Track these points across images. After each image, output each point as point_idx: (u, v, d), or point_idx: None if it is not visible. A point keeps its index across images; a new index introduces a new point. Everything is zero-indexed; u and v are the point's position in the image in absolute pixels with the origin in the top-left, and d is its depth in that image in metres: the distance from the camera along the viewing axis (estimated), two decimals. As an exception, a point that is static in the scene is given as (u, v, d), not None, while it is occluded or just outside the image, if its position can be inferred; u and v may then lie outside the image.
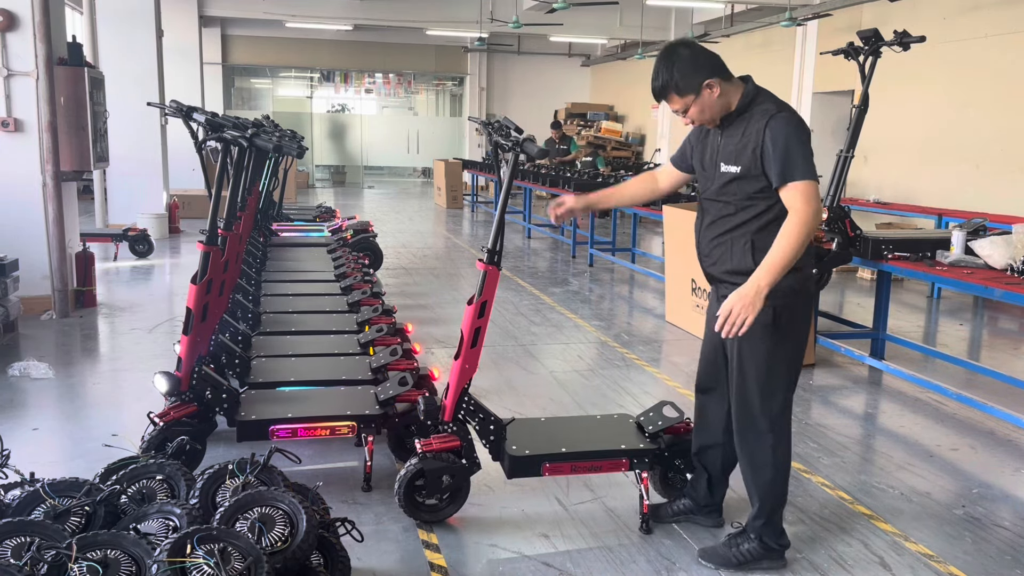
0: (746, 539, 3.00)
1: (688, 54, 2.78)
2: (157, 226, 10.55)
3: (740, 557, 2.99)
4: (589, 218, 10.42)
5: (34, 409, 4.49)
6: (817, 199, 2.63)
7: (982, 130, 9.33)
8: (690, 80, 2.75)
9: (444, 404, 3.26)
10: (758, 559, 2.98)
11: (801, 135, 2.69)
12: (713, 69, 2.78)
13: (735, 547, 3.01)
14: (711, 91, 2.76)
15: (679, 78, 2.76)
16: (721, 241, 2.86)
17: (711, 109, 2.80)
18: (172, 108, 3.81)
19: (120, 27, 10.76)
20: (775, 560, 3.00)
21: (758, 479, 2.94)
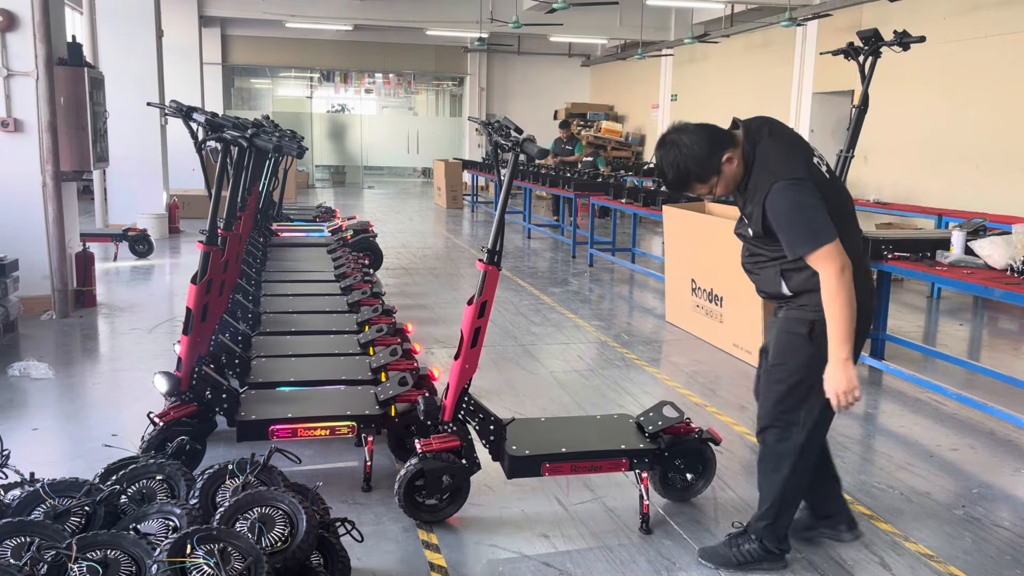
0: (747, 540, 3.00)
1: (694, 140, 2.72)
2: (157, 226, 10.55)
3: (740, 557, 2.99)
4: (589, 218, 10.43)
5: (34, 409, 4.49)
6: (835, 256, 2.57)
7: (982, 130, 9.33)
8: (708, 164, 2.72)
9: (444, 404, 3.27)
10: (758, 560, 2.99)
11: (799, 204, 2.60)
12: (722, 142, 2.73)
13: (735, 547, 3.01)
14: (731, 165, 2.73)
15: (696, 168, 2.72)
16: (756, 268, 2.90)
17: (734, 180, 2.77)
18: (172, 108, 3.81)
19: (120, 27, 10.77)
20: (775, 563, 3.01)
21: (767, 482, 2.95)
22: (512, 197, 10.56)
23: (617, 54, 18.85)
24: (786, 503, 2.94)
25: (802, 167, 2.67)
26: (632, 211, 9.12)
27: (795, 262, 2.69)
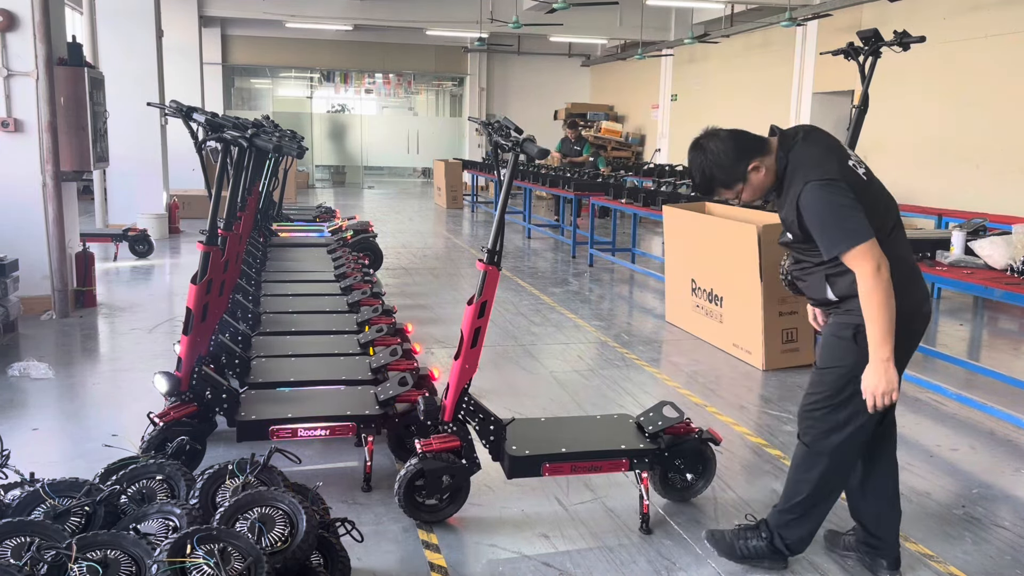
0: (756, 536, 2.99)
1: (721, 147, 2.75)
2: (157, 226, 10.55)
3: (744, 551, 2.98)
4: (589, 218, 10.43)
5: (34, 409, 4.49)
6: (870, 254, 2.55)
7: (982, 130, 9.34)
8: (734, 171, 2.75)
9: (444, 404, 3.26)
10: (761, 558, 2.98)
11: (831, 203, 2.61)
12: (750, 150, 2.75)
13: (742, 539, 3.00)
14: (758, 173, 2.76)
15: (720, 175, 2.77)
16: (803, 275, 2.89)
17: (762, 188, 2.80)
18: (172, 108, 3.81)
19: (120, 27, 10.76)
20: (776, 562, 3.00)
21: (798, 480, 2.89)
22: (512, 197, 10.56)
23: (617, 54, 18.85)
24: (814, 505, 2.90)
25: (835, 168, 2.66)
26: (632, 211, 9.12)
27: (838, 266, 2.67)
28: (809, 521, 2.94)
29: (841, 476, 2.90)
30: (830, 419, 2.80)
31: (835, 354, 2.78)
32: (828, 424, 2.81)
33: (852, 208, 2.60)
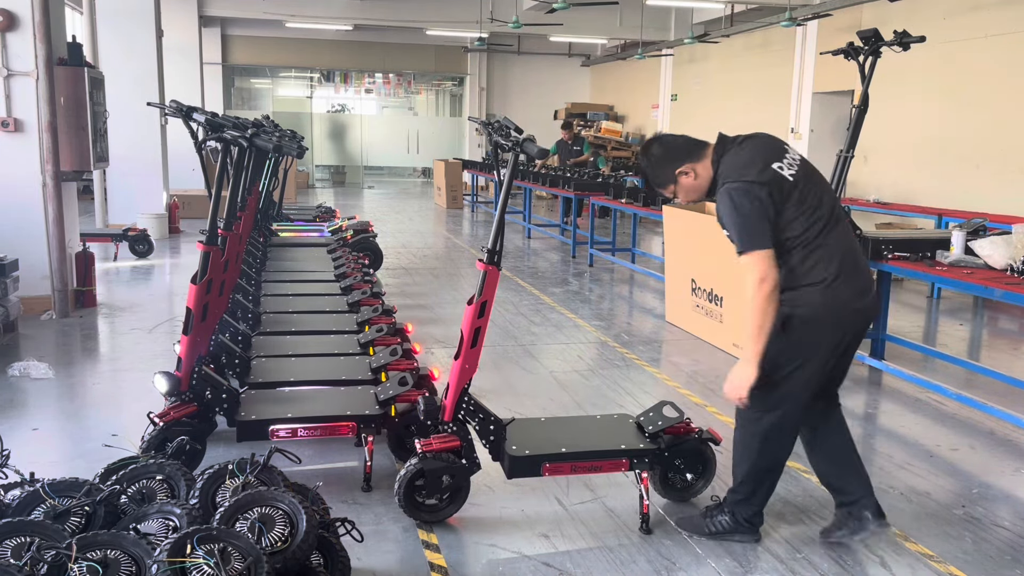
0: (720, 512, 3.17)
1: (659, 151, 3.06)
2: (157, 226, 10.55)
3: (712, 527, 3.17)
4: (589, 218, 10.43)
5: (34, 409, 4.49)
6: (758, 265, 2.76)
7: (982, 130, 9.34)
8: (664, 174, 3.04)
9: (444, 404, 3.26)
10: (729, 532, 3.15)
11: (736, 206, 2.80)
12: (682, 156, 3.00)
13: (709, 518, 3.19)
14: (687, 176, 3.01)
15: (653, 175, 3.09)
16: None
17: (696, 190, 3.04)
18: (172, 108, 3.81)
19: (120, 27, 10.77)
20: (746, 535, 3.15)
21: (741, 459, 3.10)
22: (512, 197, 10.56)
23: (617, 54, 18.85)
24: (759, 481, 3.08)
25: (755, 172, 2.83)
26: (632, 211, 9.12)
27: (778, 257, 2.84)
28: (757, 498, 3.11)
29: (777, 454, 3.06)
30: (762, 402, 2.94)
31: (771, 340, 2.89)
32: (760, 406, 2.95)
33: (753, 215, 2.78)
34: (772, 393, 2.93)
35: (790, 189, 2.83)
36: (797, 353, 2.88)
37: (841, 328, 2.91)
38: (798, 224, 2.82)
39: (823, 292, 2.81)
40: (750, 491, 3.10)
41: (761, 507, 3.15)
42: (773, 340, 2.83)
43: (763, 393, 2.91)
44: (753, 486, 3.09)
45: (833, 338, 2.91)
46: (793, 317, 2.83)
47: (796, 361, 2.89)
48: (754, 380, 2.83)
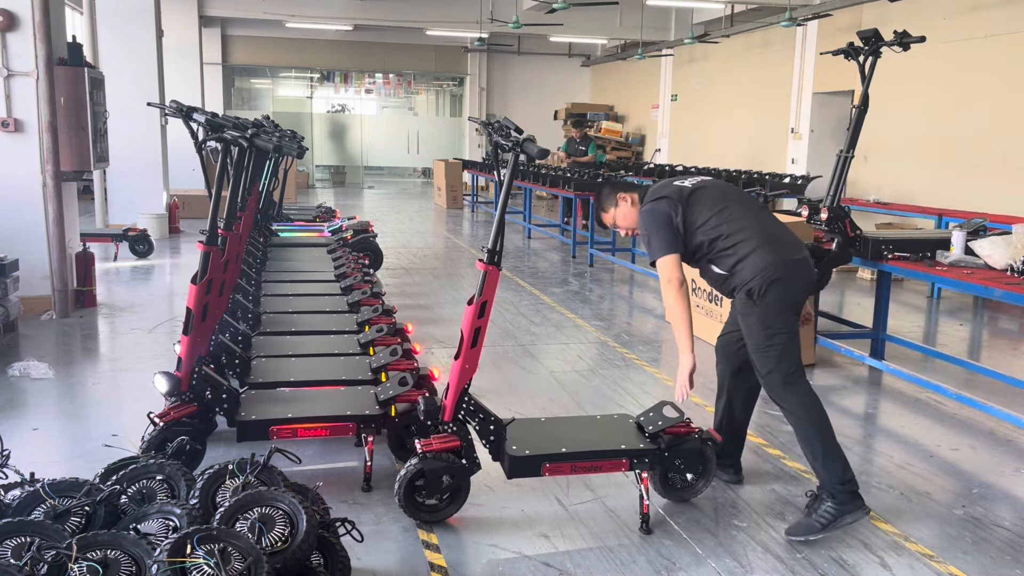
0: (821, 502, 3.20)
1: (608, 188, 3.65)
2: (157, 226, 10.55)
3: (823, 520, 3.17)
4: (589, 219, 10.42)
5: (34, 409, 4.49)
6: (665, 269, 3.33)
7: (982, 130, 9.33)
8: (607, 199, 3.61)
9: (444, 404, 3.26)
10: (839, 516, 3.16)
11: (649, 223, 3.39)
12: (624, 189, 3.60)
13: (814, 512, 3.20)
14: (625, 202, 3.55)
15: (600, 200, 3.66)
16: (700, 273, 3.57)
17: (629, 217, 3.55)
18: (172, 108, 3.81)
19: (120, 27, 10.77)
20: (856, 511, 3.18)
21: (808, 440, 3.23)
22: (512, 197, 10.55)
23: (617, 54, 18.85)
24: (825, 436, 3.22)
25: (662, 190, 3.45)
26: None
27: (712, 251, 3.36)
28: (838, 453, 3.22)
29: (813, 397, 3.28)
30: (780, 371, 3.24)
31: (745, 318, 3.31)
32: (779, 375, 3.24)
33: (659, 228, 3.35)
34: (785, 352, 3.24)
35: (688, 196, 3.38)
36: (777, 310, 3.25)
37: (794, 277, 3.30)
38: (709, 220, 3.34)
39: (758, 256, 3.25)
40: (826, 451, 3.19)
41: (845, 462, 3.21)
42: (751, 312, 3.26)
43: (777, 358, 3.23)
44: (825, 445, 3.19)
45: (793, 285, 3.30)
46: (752, 288, 3.24)
47: (780, 316, 3.26)
48: (692, 366, 3.29)
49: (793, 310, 3.32)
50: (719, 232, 3.33)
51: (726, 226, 3.32)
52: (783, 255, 3.31)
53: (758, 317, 3.26)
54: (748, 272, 3.27)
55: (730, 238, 3.32)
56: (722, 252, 3.34)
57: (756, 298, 3.24)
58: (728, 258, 3.33)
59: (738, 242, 3.31)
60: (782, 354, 3.25)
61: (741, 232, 3.32)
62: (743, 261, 3.29)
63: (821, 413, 3.24)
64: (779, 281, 3.24)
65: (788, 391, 3.25)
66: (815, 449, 3.22)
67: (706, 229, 3.34)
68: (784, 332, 3.26)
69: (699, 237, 3.35)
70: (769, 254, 3.28)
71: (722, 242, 3.33)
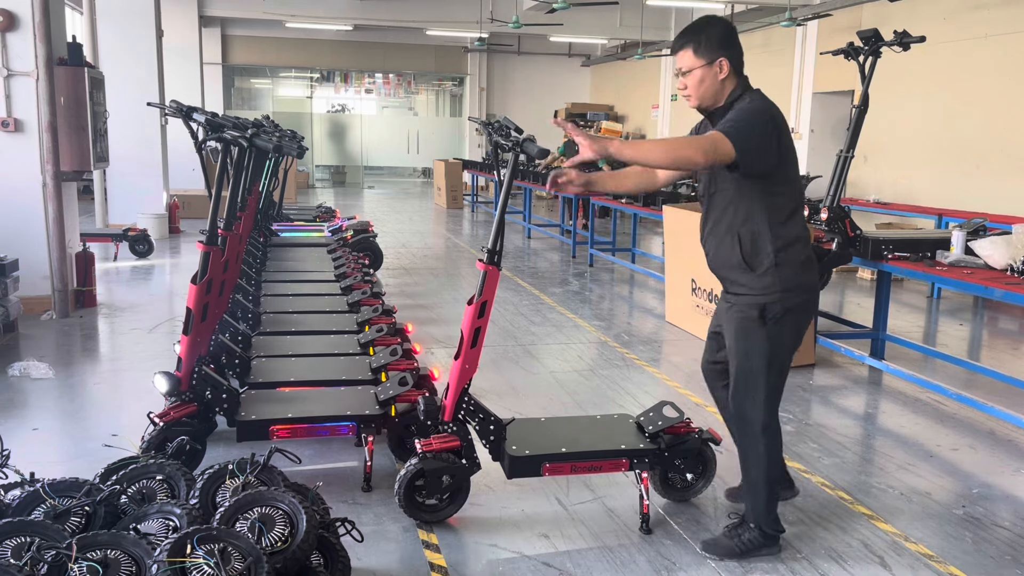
0: (746, 529, 3.06)
1: (724, 29, 2.92)
2: (157, 226, 10.55)
3: (742, 547, 3.05)
4: (589, 219, 10.42)
5: (34, 409, 4.49)
6: (711, 150, 2.68)
7: (982, 130, 9.33)
8: (713, 47, 2.87)
9: (444, 404, 3.26)
10: (759, 547, 3.05)
11: (755, 115, 2.78)
12: (734, 55, 2.91)
13: (736, 537, 3.06)
14: (720, 69, 2.89)
15: (705, 40, 2.88)
16: (713, 235, 3.02)
17: (709, 87, 2.91)
18: (172, 108, 3.81)
19: (120, 27, 10.76)
20: (772, 547, 3.08)
21: (753, 471, 3.03)
22: (512, 197, 10.55)
23: (617, 54, 18.85)
24: (771, 485, 3.04)
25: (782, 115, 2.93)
26: (632, 211, 9.12)
27: (747, 220, 2.89)
28: (775, 499, 3.08)
29: (780, 445, 3.07)
30: (756, 403, 2.96)
31: (744, 335, 2.94)
32: (755, 407, 2.96)
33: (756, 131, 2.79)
34: (763, 388, 2.95)
35: (792, 153, 2.90)
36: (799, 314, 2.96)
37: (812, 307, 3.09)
38: (789, 189, 2.90)
39: (802, 267, 2.91)
40: (767, 492, 3.04)
41: (776, 507, 3.10)
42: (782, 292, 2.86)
43: (775, 354, 2.93)
44: (768, 487, 3.03)
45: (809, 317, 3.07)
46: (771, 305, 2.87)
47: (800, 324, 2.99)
48: (602, 152, 2.65)
49: (797, 346, 3.03)
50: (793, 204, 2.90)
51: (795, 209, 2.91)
52: (815, 278, 3.00)
53: (762, 341, 2.91)
54: (776, 280, 2.87)
55: (794, 217, 2.90)
56: (776, 213, 2.85)
57: (772, 318, 2.88)
58: (772, 241, 2.85)
59: (795, 236, 2.89)
60: (771, 393, 2.97)
61: (801, 226, 2.93)
62: (785, 260, 2.86)
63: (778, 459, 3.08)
64: (804, 309, 2.96)
65: (765, 435, 2.99)
66: (760, 494, 3.03)
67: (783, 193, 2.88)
68: (784, 372, 2.99)
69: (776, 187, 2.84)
70: (811, 272, 2.95)
71: (784, 215, 2.87)
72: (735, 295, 2.98)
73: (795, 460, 4.02)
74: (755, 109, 2.81)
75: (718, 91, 2.91)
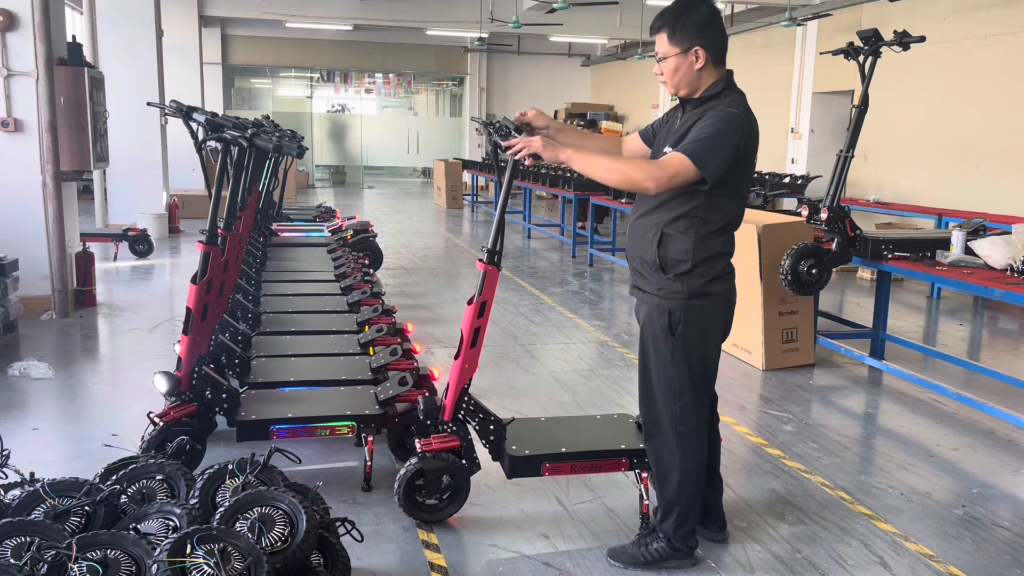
0: (655, 539, 2.99)
1: (704, 15, 2.73)
2: (157, 226, 10.55)
3: (648, 556, 2.98)
4: (590, 219, 10.42)
5: (34, 409, 4.49)
6: (665, 179, 2.59)
7: (982, 130, 9.34)
8: (688, 36, 2.71)
9: (444, 404, 3.26)
10: (666, 559, 2.98)
11: (728, 129, 2.62)
12: (712, 45, 2.74)
13: (644, 546, 3.00)
14: (695, 59, 2.73)
15: (681, 26, 2.72)
16: (639, 224, 2.89)
17: (684, 76, 2.76)
18: (172, 108, 3.80)
19: (120, 27, 10.77)
20: (683, 559, 3.00)
21: (665, 483, 2.95)
22: (512, 197, 10.55)
23: (617, 54, 18.85)
24: (686, 500, 2.93)
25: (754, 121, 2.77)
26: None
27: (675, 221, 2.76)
28: (692, 516, 2.96)
29: (697, 460, 2.92)
30: (670, 413, 2.87)
31: (654, 344, 2.85)
32: (668, 417, 2.87)
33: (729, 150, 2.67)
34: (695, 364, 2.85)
35: (749, 170, 2.81)
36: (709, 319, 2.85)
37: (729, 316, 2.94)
38: (734, 204, 2.79)
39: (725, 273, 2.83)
40: (681, 511, 2.92)
41: (693, 528, 2.99)
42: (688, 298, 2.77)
43: (687, 362, 2.82)
44: (683, 503, 2.92)
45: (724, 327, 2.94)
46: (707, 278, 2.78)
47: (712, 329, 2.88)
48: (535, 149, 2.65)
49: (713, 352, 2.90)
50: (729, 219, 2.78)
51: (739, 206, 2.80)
52: (726, 286, 2.85)
53: (673, 350, 2.80)
54: (683, 287, 2.75)
55: (724, 234, 2.79)
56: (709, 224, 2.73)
57: (681, 324, 2.77)
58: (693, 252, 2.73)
59: (716, 252, 2.77)
60: (686, 408, 2.85)
61: (728, 243, 2.81)
62: (698, 271, 2.75)
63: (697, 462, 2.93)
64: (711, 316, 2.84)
65: (679, 449, 2.87)
66: (671, 508, 2.92)
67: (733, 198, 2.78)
68: (702, 374, 2.87)
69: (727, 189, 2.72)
70: (723, 281, 2.82)
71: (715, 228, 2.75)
72: (642, 291, 2.89)
73: (795, 460, 4.03)
74: (728, 118, 2.64)
75: (694, 81, 2.76)
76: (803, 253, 5.17)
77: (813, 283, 5.24)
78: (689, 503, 2.94)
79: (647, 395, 2.94)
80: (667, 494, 2.94)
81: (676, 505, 2.93)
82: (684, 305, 2.77)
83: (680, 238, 2.74)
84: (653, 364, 2.88)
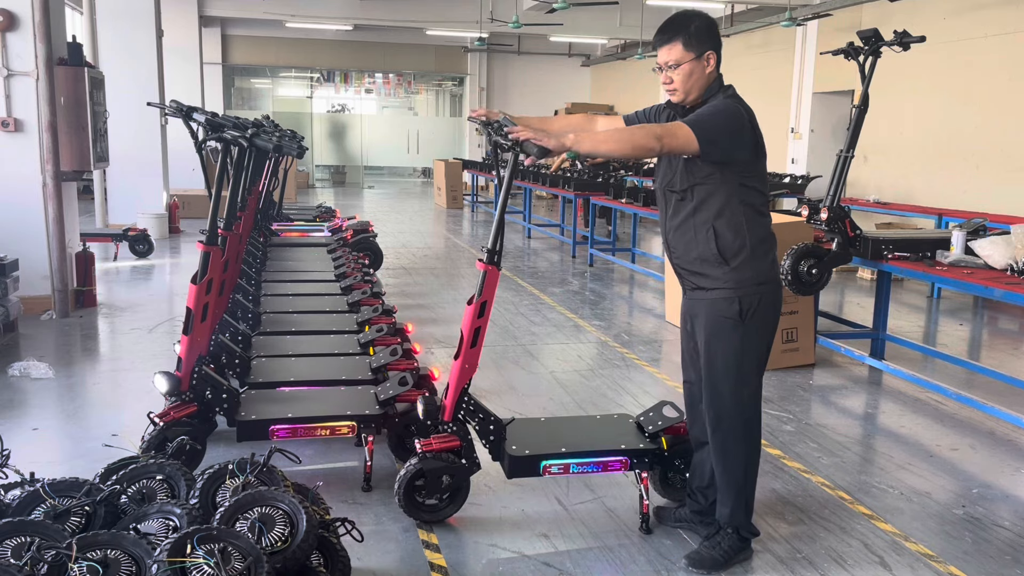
0: (724, 535, 3.01)
1: (709, 22, 2.93)
2: (157, 226, 10.55)
3: (724, 555, 2.99)
4: (590, 219, 10.42)
5: (34, 409, 4.49)
6: (663, 134, 2.67)
7: (982, 130, 9.34)
8: (703, 40, 2.86)
9: (444, 404, 3.26)
10: (739, 551, 3.01)
11: (726, 113, 2.76)
12: (719, 48, 2.93)
13: (717, 547, 3.00)
14: (708, 63, 2.87)
15: (695, 32, 2.86)
16: (683, 230, 2.94)
17: (697, 80, 2.88)
18: (172, 108, 3.80)
19: (120, 27, 10.77)
20: (747, 551, 3.05)
21: (733, 473, 2.97)
22: (512, 197, 10.55)
23: (617, 54, 18.85)
24: (751, 487, 3.01)
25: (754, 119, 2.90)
26: (632, 211, 9.12)
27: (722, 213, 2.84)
28: (751, 502, 3.02)
29: (759, 447, 3.01)
30: (737, 401, 2.91)
31: (721, 334, 2.89)
32: (736, 405, 2.91)
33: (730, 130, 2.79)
34: (761, 348, 2.93)
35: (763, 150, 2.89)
36: (773, 300, 2.93)
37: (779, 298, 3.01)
38: (762, 184, 2.88)
39: (769, 258, 2.90)
40: (747, 497, 2.99)
41: (751, 510, 3.05)
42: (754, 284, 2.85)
43: (755, 348, 2.90)
44: (747, 492, 2.99)
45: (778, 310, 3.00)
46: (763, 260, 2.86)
47: (776, 309, 2.95)
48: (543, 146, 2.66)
49: (771, 341, 2.98)
50: (764, 199, 2.89)
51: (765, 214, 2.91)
52: (779, 274, 3.01)
53: (742, 338, 2.87)
54: (752, 273, 2.85)
55: (767, 213, 2.91)
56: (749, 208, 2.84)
57: (749, 310, 2.85)
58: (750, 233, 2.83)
59: (768, 231, 2.90)
60: (753, 394, 2.93)
61: (770, 223, 2.92)
62: (760, 253, 2.86)
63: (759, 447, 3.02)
64: (775, 304, 2.93)
65: (746, 437, 2.95)
66: (740, 496, 2.97)
67: (756, 192, 2.88)
68: (764, 357, 2.95)
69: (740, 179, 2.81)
70: (777, 268, 2.95)
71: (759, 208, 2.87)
72: (705, 290, 2.91)
73: (795, 460, 4.03)
74: (725, 104, 2.80)
75: (704, 84, 2.89)
76: (803, 253, 5.17)
77: (813, 283, 5.24)
78: (752, 489, 3.01)
79: (713, 389, 2.93)
80: (735, 484, 2.97)
81: (744, 494, 2.98)
82: (752, 291, 2.84)
83: (732, 228, 2.83)
84: (720, 356, 2.90)
